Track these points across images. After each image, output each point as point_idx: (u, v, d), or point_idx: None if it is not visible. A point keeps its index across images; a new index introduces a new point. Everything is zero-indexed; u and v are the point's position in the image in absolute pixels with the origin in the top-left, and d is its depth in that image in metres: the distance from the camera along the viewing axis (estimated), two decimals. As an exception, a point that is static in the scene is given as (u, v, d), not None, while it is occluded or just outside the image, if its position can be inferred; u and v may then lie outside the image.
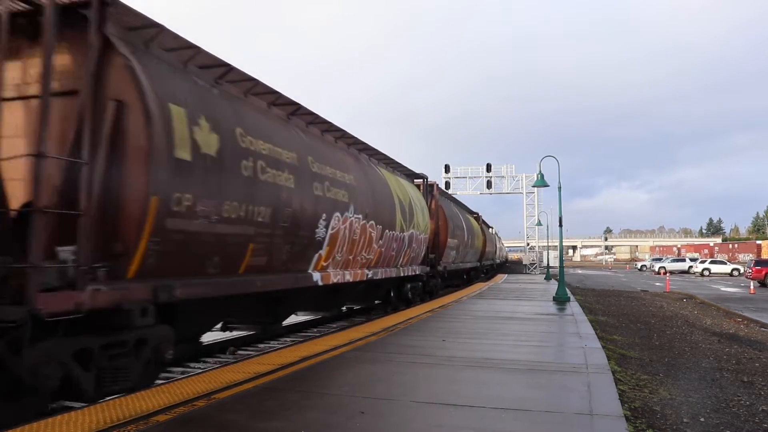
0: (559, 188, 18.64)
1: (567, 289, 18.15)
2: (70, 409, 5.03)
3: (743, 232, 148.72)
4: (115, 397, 5.33)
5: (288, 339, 11.46)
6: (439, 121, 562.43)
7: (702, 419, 5.89)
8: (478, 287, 24.73)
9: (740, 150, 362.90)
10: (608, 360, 7.54)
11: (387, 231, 12.13)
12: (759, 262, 35.33)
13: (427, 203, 16.23)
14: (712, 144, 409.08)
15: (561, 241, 19.23)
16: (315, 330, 12.84)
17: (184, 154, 5.78)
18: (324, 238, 9.12)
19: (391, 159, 14.27)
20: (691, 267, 52.78)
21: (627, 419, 4.88)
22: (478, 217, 33.55)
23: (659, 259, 66.04)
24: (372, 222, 11.20)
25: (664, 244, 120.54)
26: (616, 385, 6.16)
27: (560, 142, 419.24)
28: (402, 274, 14.09)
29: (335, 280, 9.96)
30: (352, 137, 11.44)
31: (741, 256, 68.88)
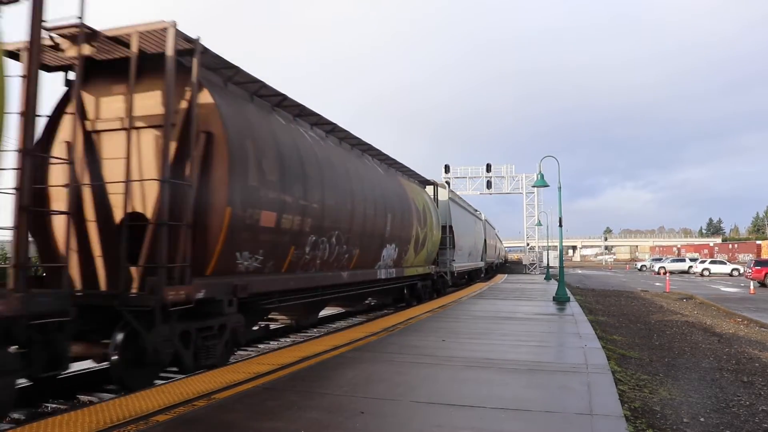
0: (559, 188, 18.64)
1: (567, 289, 18.15)
2: (71, 408, 5.03)
3: (743, 232, 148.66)
4: (115, 397, 5.34)
5: (288, 339, 11.46)
6: (443, 121, 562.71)
7: (702, 419, 5.89)
8: (479, 287, 24.73)
9: (747, 150, 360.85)
10: (608, 360, 7.54)
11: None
12: (759, 262, 35.30)
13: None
14: (718, 144, 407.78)
15: (561, 242, 19.23)
16: (315, 330, 12.84)
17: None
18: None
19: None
20: (690, 267, 52.72)
21: (627, 419, 4.88)
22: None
23: (659, 260, 65.95)
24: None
25: (664, 244, 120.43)
26: (616, 385, 6.16)
27: (565, 143, 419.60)
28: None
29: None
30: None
31: (741, 257, 68.84)
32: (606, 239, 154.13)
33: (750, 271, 34.61)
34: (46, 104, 7.32)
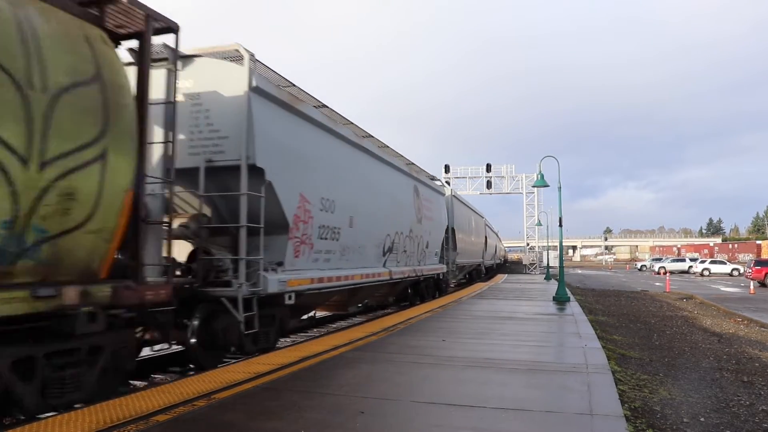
0: (559, 188, 18.64)
1: (567, 289, 18.14)
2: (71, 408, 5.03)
3: (743, 232, 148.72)
4: (115, 397, 5.33)
5: (288, 339, 11.46)
6: (446, 121, 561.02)
7: (702, 419, 5.89)
8: (478, 287, 24.72)
9: (749, 149, 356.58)
10: (608, 360, 7.54)
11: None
12: (759, 262, 35.29)
13: None
14: (721, 143, 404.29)
15: (561, 242, 19.22)
16: (315, 330, 12.84)
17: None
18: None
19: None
20: (691, 267, 52.74)
21: (627, 419, 4.88)
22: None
23: (659, 259, 65.94)
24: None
25: (664, 244, 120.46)
26: (616, 384, 6.16)
27: (568, 143, 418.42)
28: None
29: None
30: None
31: (741, 256, 68.87)
32: (606, 239, 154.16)
33: (750, 271, 34.60)
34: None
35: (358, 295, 12.83)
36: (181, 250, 7.73)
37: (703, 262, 52.79)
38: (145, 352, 8.24)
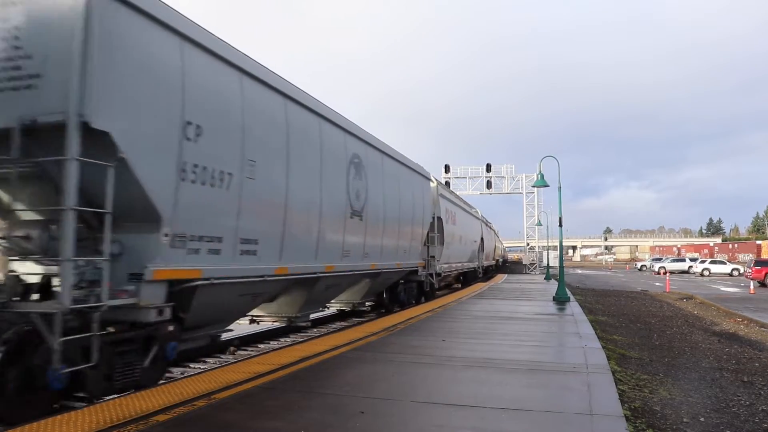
0: (559, 188, 18.63)
1: (567, 289, 18.15)
2: (71, 408, 5.04)
3: (743, 232, 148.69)
4: (115, 397, 5.34)
5: (288, 339, 11.46)
6: (448, 121, 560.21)
7: (702, 419, 5.89)
8: (479, 287, 24.72)
9: (752, 149, 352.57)
10: (608, 360, 7.54)
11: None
12: (759, 262, 35.30)
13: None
14: (724, 143, 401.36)
15: (561, 241, 19.22)
16: (315, 330, 12.84)
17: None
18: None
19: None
20: (691, 267, 52.73)
21: (627, 419, 4.88)
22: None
23: (659, 259, 65.91)
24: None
25: (664, 244, 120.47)
26: (616, 385, 6.17)
27: (572, 142, 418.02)
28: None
29: None
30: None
31: (741, 256, 68.86)
32: (606, 239, 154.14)
33: (750, 271, 34.61)
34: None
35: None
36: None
37: (703, 262, 52.79)
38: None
